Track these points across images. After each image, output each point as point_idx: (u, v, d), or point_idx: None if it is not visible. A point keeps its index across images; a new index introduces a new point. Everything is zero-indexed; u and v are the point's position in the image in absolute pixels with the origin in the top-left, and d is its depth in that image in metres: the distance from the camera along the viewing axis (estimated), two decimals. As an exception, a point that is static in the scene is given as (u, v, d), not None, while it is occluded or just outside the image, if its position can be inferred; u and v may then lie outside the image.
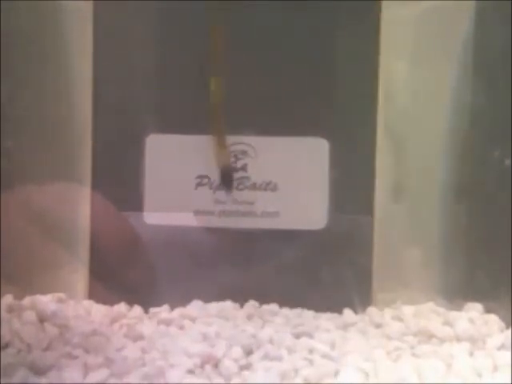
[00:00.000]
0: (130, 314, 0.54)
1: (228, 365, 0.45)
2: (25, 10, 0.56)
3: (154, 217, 0.57)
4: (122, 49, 0.57)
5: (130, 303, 0.55)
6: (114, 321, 0.52)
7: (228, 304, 0.55)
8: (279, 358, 0.46)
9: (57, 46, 0.57)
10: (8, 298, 0.55)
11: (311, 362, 0.46)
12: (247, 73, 0.57)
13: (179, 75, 0.56)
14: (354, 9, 0.56)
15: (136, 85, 0.57)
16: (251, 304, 0.56)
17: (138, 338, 0.49)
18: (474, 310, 0.55)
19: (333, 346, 0.49)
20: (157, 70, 0.57)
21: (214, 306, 0.55)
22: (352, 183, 0.57)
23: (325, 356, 0.47)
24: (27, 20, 0.56)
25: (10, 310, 0.53)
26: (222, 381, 0.44)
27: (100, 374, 0.43)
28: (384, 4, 0.56)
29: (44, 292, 0.56)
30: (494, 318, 0.53)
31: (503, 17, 0.54)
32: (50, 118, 0.57)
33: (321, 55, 0.57)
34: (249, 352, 0.47)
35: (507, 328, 0.52)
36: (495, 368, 0.46)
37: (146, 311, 0.55)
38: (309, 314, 0.55)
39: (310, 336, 0.50)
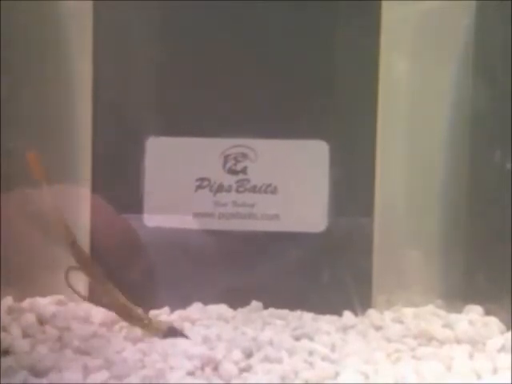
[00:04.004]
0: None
1: (228, 367, 0.45)
2: (25, 9, 0.56)
3: (154, 219, 0.57)
4: (122, 49, 0.57)
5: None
6: (113, 323, 0.52)
7: (228, 306, 0.55)
8: (279, 361, 0.46)
9: (57, 46, 0.57)
10: (8, 301, 0.55)
11: (311, 364, 0.46)
12: (247, 75, 0.57)
13: (179, 77, 0.56)
14: (355, 9, 0.56)
15: (136, 87, 0.57)
16: (251, 306, 0.56)
17: (138, 340, 0.49)
18: (474, 312, 0.55)
19: (333, 348, 0.49)
20: (157, 71, 0.57)
21: (214, 309, 0.55)
22: (352, 186, 0.57)
23: (325, 358, 0.47)
24: (27, 20, 0.56)
25: (10, 312, 0.53)
26: (221, 383, 0.44)
27: (100, 376, 0.43)
28: (384, 4, 0.56)
29: (44, 294, 0.56)
30: (494, 320, 0.53)
31: (503, 16, 0.54)
32: (50, 119, 0.57)
33: (321, 56, 0.57)
34: (249, 354, 0.47)
35: (507, 330, 0.52)
36: (495, 370, 0.46)
37: (146, 313, 0.55)
38: (309, 316, 0.55)
39: (310, 338, 0.50)
